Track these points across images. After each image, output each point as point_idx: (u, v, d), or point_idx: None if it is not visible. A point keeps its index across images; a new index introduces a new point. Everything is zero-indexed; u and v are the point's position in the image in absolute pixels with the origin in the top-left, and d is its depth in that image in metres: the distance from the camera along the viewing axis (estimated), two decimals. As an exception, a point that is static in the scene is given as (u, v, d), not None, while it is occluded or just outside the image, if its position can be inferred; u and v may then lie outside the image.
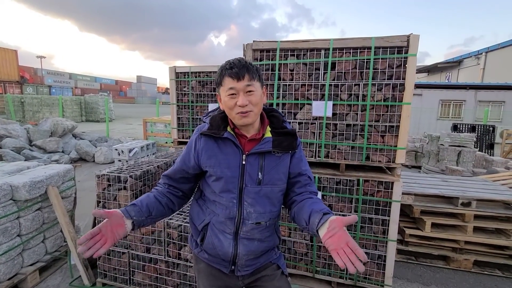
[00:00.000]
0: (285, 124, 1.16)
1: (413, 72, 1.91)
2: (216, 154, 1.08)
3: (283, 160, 1.11)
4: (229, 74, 1.00)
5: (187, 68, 3.23)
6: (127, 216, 1.01)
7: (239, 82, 1.00)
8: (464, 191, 2.81)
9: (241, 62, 1.02)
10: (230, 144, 1.07)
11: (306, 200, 1.08)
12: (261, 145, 1.07)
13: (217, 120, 1.10)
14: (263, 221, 1.10)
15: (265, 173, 1.08)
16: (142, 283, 2.11)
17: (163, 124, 7.59)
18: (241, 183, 1.07)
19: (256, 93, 1.03)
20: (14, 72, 23.22)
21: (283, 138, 1.10)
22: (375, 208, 2.10)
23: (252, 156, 1.07)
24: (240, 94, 1.00)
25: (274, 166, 1.09)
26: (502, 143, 8.32)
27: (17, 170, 2.47)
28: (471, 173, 5.33)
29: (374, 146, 2.05)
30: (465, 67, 19.13)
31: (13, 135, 6.34)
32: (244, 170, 1.06)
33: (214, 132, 1.07)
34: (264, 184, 1.08)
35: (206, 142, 1.09)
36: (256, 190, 1.07)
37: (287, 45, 2.10)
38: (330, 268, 2.26)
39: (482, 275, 2.61)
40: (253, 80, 1.02)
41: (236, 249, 1.09)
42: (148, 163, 2.42)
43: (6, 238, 2.07)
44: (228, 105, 1.03)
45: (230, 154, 1.07)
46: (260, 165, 1.07)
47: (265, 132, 1.12)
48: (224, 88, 1.03)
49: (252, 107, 1.02)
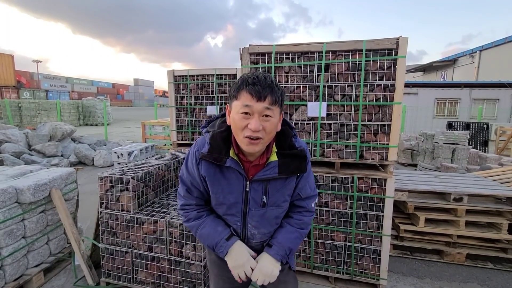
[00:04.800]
0: (293, 141, 1.04)
1: (403, 73, 1.99)
2: (218, 180, 1.02)
3: (289, 183, 1.05)
4: (250, 90, 0.87)
5: (185, 71, 3.30)
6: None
7: (258, 103, 0.87)
8: (456, 187, 2.89)
9: (267, 80, 0.89)
10: (234, 170, 1.00)
11: (280, 228, 1.14)
12: (266, 171, 0.99)
13: (218, 141, 0.99)
14: (267, 239, 1.14)
15: (270, 196, 1.03)
16: (145, 282, 2.17)
17: (162, 127, 7.64)
18: (245, 208, 1.05)
19: (273, 120, 0.91)
20: (11, 77, 23.19)
21: (291, 160, 1.00)
22: (369, 204, 2.18)
23: (256, 182, 1.01)
24: (255, 116, 0.88)
25: (280, 189, 1.04)
26: (496, 140, 8.45)
27: (21, 173, 2.53)
28: (465, 170, 5.43)
29: (367, 144, 2.12)
30: (460, 65, 19.35)
31: (12, 140, 6.37)
32: (247, 196, 1.03)
33: (215, 158, 0.97)
34: (268, 206, 1.05)
35: (208, 166, 1.01)
36: (261, 213, 1.05)
37: (282, 48, 2.18)
38: (327, 264, 2.33)
39: (475, 268, 2.70)
40: (275, 104, 0.90)
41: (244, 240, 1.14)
42: (149, 165, 2.48)
43: (11, 240, 2.13)
44: (238, 125, 0.90)
45: (233, 179, 1.01)
46: (265, 189, 1.02)
47: (270, 155, 1.01)
48: (238, 103, 0.90)
49: (265, 134, 0.90)
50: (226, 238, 1.05)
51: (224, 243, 1.04)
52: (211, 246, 1.07)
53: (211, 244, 1.06)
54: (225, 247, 1.03)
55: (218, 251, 1.06)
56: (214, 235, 1.05)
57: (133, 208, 2.12)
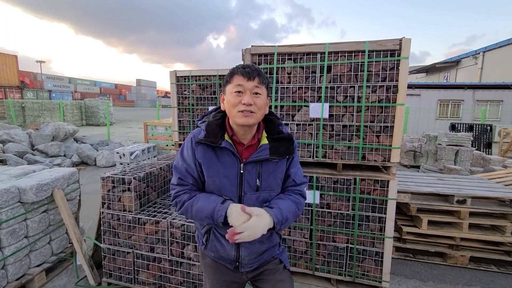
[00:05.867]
0: (281, 128, 1.16)
1: (406, 74, 1.98)
2: (214, 164, 1.08)
3: (280, 166, 1.13)
4: (241, 72, 1.02)
5: (187, 72, 3.31)
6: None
7: (249, 82, 1.01)
8: (459, 189, 2.87)
9: (254, 66, 1.05)
10: (228, 153, 1.07)
11: (280, 199, 1.13)
12: (258, 153, 1.08)
13: (213, 127, 1.08)
14: None
15: (263, 180, 1.10)
16: (146, 282, 2.17)
17: (164, 127, 7.65)
18: (240, 191, 1.09)
19: (262, 97, 1.05)
20: (14, 77, 23.36)
21: (280, 143, 1.11)
22: (371, 206, 2.17)
23: (249, 164, 1.08)
24: (247, 93, 1.01)
25: (272, 172, 1.11)
26: (500, 142, 8.39)
27: (24, 173, 2.54)
28: (468, 172, 5.40)
29: (370, 146, 2.11)
30: (463, 67, 19.26)
31: (16, 139, 6.42)
32: (242, 179, 1.08)
33: (211, 141, 1.05)
34: (262, 190, 1.10)
35: (204, 150, 1.08)
36: (255, 197, 1.10)
37: (284, 49, 2.18)
38: (329, 266, 2.32)
39: (478, 271, 2.67)
40: (262, 84, 1.04)
41: (238, 251, 1.14)
42: (151, 165, 2.49)
43: (14, 240, 2.14)
44: (232, 102, 1.03)
45: (228, 162, 1.08)
46: (258, 172, 1.09)
47: (260, 137, 1.12)
48: (232, 85, 1.04)
49: (256, 109, 1.03)
50: (221, 202, 1.05)
51: (220, 206, 1.03)
52: (208, 215, 1.04)
53: (208, 213, 1.04)
54: (222, 209, 1.02)
55: (216, 217, 1.02)
56: (209, 204, 1.05)
57: (134, 208, 2.12)
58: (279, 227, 1.06)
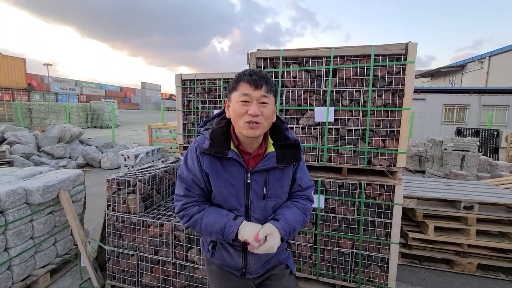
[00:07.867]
0: (287, 133, 1.13)
1: (412, 79, 1.97)
2: (221, 174, 1.04)
3: (286, 172, 1.11)
4: (247, 80, 0.97)
5: (192, 75, 3.34)
6: None
7: (256, 91, 0.96)
8: (466, 194, 2.83)
9: (261, 72, 1.00)
10: (235, 163, 1.04)
11: (286, 207, 1.13)
12: (265, 161, 1.05)
13: (218, 136, 1.04)
14: None
15: (270, 187, 1.08)
16: (150, 285, 2.17)
17: (168, 130, 7.70)
18: (247, 201, 1.07)
19: (270, 106, 1.00)
20: (22, 79, 23.74)
21: (286, 150, 1.08)
22: (377, 211, 2.15)
23: (256, 173, 1.06)
24: (253, 103, 0.97)
25: (278, 179, 1.09)
26: (507, 147, 8.27)
27: (30, 175, 2.57)
28: (475, 178, 5.32)
29: (375, 150, 2.10)
30: (468, 71, 19.10)
31: (22, 141, 6.50)
32: (249, 188, 1.06)
33: (217, 151, 1.02)
34: (269, 197, 1.08)
35: (210, 160, 1.04)
36: (262, 205, 1.08)
37: (289, 53, 2.19)
38: (334, 271, 2.29)
39: (486, 279, 2.62)
40: (270, 93, 1.00)
41: (246, 259, 1.13)
42: (155, 168, 2.50)
43: (20, 240, 2.15)
44: (238, 112, 0.98)
45: (234, 172, 1.05)
46: (265, 180, 1.07)
47: (267, 145, 1.09)
48: (237, 94, 0.98)
49: (263, 120, 0.98)
50: (233, 218, 1.04)
51: (232, 222, 1.02)
52: (219, 231, 1.02)
53: (219, 228, 1.02)
54: (234, 226, 1.01)
55: (227, 233, 1.01)
56: (220, 218, 1.03)
57: (139, 210, 2.13)
58: (287, 238, 1.07)
